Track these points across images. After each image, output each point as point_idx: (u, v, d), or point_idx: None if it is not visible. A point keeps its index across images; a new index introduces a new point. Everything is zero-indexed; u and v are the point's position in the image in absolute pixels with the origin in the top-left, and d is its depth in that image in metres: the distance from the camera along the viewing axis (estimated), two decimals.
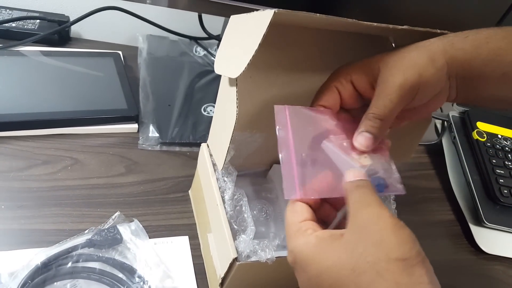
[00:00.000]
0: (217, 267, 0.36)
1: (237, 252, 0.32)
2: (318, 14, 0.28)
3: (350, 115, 0.32)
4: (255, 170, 0.44)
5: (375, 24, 0.30)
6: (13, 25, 0.55)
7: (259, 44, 0.26)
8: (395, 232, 0.22)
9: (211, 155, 0.39)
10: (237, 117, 0.31)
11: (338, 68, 0.31)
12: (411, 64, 0.28)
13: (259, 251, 0.32)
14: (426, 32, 0.32)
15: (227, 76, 0.32)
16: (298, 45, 0.35)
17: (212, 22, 0.60)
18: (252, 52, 0.27)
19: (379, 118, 0.28)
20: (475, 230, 0.52)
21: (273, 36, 0.26)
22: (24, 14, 0.57)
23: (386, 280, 0.21)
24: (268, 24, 0.25)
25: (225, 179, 0.36)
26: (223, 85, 0.34)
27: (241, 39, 0.30)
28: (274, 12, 0.25)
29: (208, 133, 0.40)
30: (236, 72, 0.29)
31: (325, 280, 0.23)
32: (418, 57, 0.29)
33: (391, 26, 0.31)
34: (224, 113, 0.34)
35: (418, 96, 0.29)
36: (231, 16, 0.32)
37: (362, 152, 0.29)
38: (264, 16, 0.26)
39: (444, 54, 0.29)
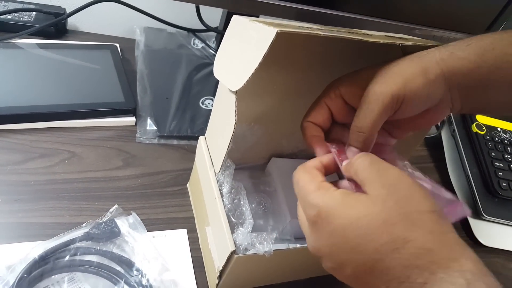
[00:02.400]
0: (215, 259, 0.36)
1: (235, 245, 0.32)
2: (322, 33, 0.28)
3: (344, 128, 0.31)
4: (254, 164, 0.44)
5: (381, 41, 0.29)
6: (9, 17, 0.54)
7: (259, 63, 0.27)
8: (421, 188, 0.23)
9: (209, 149, 0.38)
10: (234, 127, 0.31)
11: (330, 83, 0.31)
12: (397, 73, 0.28)
13: (257, 244, 0.32)
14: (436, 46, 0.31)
15: (226, 86, 0.32)
16: (300, 46, 0.35)
17: (211, 14, 0.59)
18: (252, 70, 0.27)
19: (360, 131, 0.28)
20: (474, 223, 0.52)
21: (276, 39, 0.26)
22: (20, 6, 0.56)
23: (421, 228, 0.22)
24: (269, 44, 0.26)
25: (223, 172, 0.36)
26: (222, 87, 0.34)
27: (241, 51, 0.30)
28: (277, 32, 0.25)
29: (206, 126, 0.40)
30: (235, 86, 0.29)
31: (352, 231, 0.23)
32: (408, 66, 0.28)
33: (398, 42, 0.31)
34: (222, 118, 0.34)
35: (405, 107, 0.28)
36: (233, 16, 0.32)
37: None
38: (266, 35, 0.26)
39: (440, 65, 0.28)
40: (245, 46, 0.30)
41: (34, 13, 0.56)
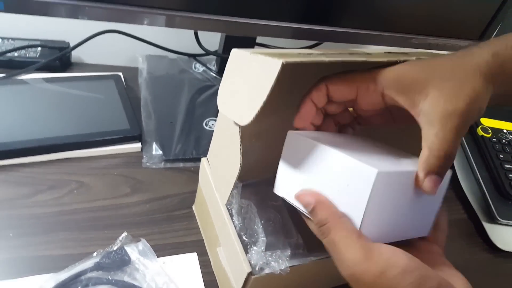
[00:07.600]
0: (232, 282, 0.35)
1: (251, 265, 0.32)
2: (326, 59, 0.28)
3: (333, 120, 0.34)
4: (258, 179, 0.44)
5: (385, 60, 0.30)
6: (16, 54, 0.56)
7: (267, 96, 0.26)
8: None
9: (212, 170, 0.38)
10: (240, 165, 0.31)
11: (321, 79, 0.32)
12: (470, 90, 0.26)
13: (272, 262, 0.32)
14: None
15: (232, 121, 0.32)
16: (304, 77, 0.35)
17: (210, 38, 0.61)
18: (260, 104, 0.27)
19: (439, 157, 0.26)
20: (489, 227, 0.51)
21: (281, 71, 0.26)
22: (26, 43, 0.58)
23: None
24: (276, 77, 0.26)
25: (231, 191, 0.36)
26: (223, 116, 0.34)
27: (245, 85, 0.30)
28: (282, 63, 0.25)
29: None
30: (243, 121, 0.29)
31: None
32: (474, 81, 0.26)
33: (401, 58, 0.31)
34: (225, 147, 0.34)
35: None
36: (232, 50, 0.32)
37: None
38: (271, 67, 0.26)
39: (494, 72, 0.27)
40: (249, 80, 0.29)
41: (39, 48, 0.58)
